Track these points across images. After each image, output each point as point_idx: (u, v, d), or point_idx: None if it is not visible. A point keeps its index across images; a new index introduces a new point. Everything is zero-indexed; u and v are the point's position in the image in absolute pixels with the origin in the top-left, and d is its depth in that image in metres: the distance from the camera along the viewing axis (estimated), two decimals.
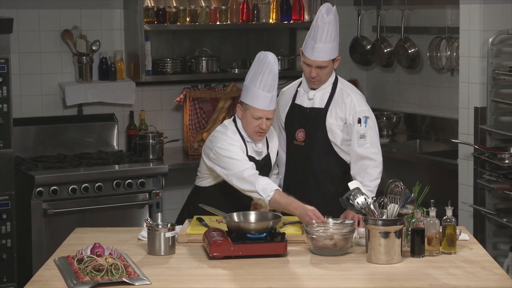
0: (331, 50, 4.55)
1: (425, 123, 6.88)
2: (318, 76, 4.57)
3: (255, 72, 4.37)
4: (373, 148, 4.58)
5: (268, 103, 4.35)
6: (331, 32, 4.52)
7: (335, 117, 4.60)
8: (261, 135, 4.42)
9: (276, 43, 7.13)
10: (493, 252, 5.53)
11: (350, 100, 4.60)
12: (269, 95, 4.34)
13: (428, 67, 6.71)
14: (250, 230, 3.92)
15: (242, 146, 4.40)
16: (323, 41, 4.51)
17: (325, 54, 4.53)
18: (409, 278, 3.61)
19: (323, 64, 4.54)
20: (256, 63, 4.39)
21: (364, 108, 4.60)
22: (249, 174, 4.23)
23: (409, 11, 6.79)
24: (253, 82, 4.35)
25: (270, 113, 4.37)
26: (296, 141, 4.67)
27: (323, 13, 4.53)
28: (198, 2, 6.72)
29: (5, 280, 5.54)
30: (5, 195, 5.53)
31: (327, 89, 4.64)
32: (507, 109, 5.63)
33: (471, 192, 5.68)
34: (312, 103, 4.65)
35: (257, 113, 4.34)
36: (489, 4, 5.56)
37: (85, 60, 6.32)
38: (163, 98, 6.70)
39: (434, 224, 3.91)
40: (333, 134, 4.60)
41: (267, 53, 4.39)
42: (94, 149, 6.38)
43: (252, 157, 4.42)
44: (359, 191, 3.93)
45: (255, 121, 4.36)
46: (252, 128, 4.37)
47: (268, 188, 4.18)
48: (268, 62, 4.34)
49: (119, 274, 3.54)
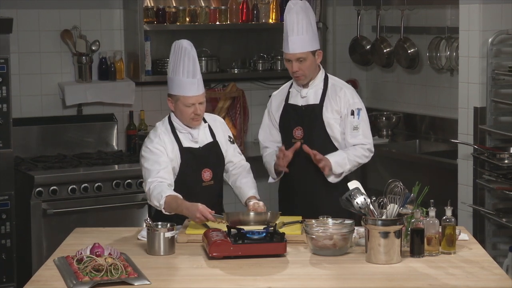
0: (306, 41, 4.61)
1: (424, 123, 6.89)
2: (300, 70, 4.62)
3: (175, 62, 4.39)
4: (366, 138, 4.68)
5: (196, 88, 4.37)
6: (302, 23, 4.60)
7: (331, 111, 4.65)
8: (198, 120, 4.44)
9: (276, 43, 7.11)
10: (493, 252, 5.53)
11: (344, 94, 4.67)
12: (194, 80, 4.36)
13: (428, 67, 6.71)
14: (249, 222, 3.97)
15: (172, 144, 4.40)
16: (296, 33, 4.60)
17: (300, 46, 4.60)
18: (408, 278, 3.61)
19: (302, 56, 4.60)
20: (173, 54, 4.41)
21: (356, 101, 4.69)
22: (148, 188, 4.29)
23: (409, 11, 6.79)
24: (175, 72, 4.38)
25: (201, 97, 4.40)
26: (294, 139, 4.69)
27: (289, 6, 4.64)
28: (198, 2, 6.72)
29: (4, 280, 5.54)
30: (4, 195, 5.53)
31: (319, 86, 4.70)
32: (507, 109, 5.63)
33: (470, 192, 5.68)
34: (306, 101, 4.70)
35: (188, 101, 4.37)
36: (488, 4, 5.57)
37: (85, 60, 6.32)
38: (163, 98, 6.68)
39: (434, 224, 3.90)
40: (331, 128, 4.66)
41: (182, 40, 4.42)
42: (94, 149, 6.38)
43: (189, 148, 4.43)
44: (358, 191, 3.93)
45: (188, 108, 4.38)
46: (187, 115, 4.39)
47: (159, 196, 4.22)
48: (184, 49, 4.37)
49: (119, 274, 3.54)
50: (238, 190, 4.54)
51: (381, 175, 6.33)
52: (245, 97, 6.87)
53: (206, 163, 4.46)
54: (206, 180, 4.46)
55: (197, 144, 4.47)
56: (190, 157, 4.43)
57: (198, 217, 4.11)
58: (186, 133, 4.46)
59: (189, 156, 4.43)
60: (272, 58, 7.01)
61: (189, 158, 4.42)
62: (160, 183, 4.27)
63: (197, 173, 4.44)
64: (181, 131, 4.45)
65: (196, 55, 4.41)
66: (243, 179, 4.56)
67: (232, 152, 4.59)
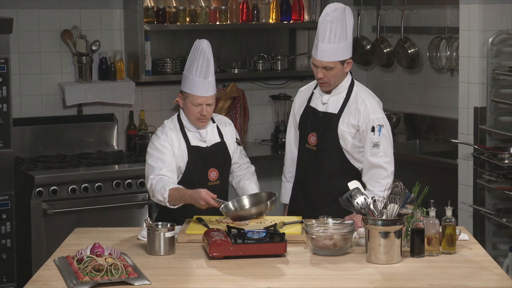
0: (337, 50, 4.45)
1: (425, 123, 6.88)
2: (325, 77, 4.47)
3: (191, 60, 4.41)
4: (386, 157, 4.46)
5: (205, 89, 4.38)
6: (336, 31, 4.43)
7: (347, 124, 4.49)
8: (203, 121, 4.44)
9: (276, 43, 7.14)
10: (493, 252, 5.53)
11: (365, 107, 4.47)
12: (205, 81, 4.37)
13: (428, 67, 6.71)
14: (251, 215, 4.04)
15: (179, 142, 4.40)
16: (327, 41, 4.43)
17: (329, 55, 4.44)
18: (408, 278, 3.61)
19: (329, 65, 4.44)
20: (192, 52, 4.43)
21: (379, 116, 4.47)
22: (150, 184, 4.30)
23: (409, 11, 6.79)
24: (189, 70, 4.40)
25: (209, 98, 4.40)
26: (308, 145, 4.59)
27: (327, 11, 4.46)
28: (198, 2, 6.72)
29: (4, 280, 5.54)
30: (4, 195, 5.53)
31: (342, 94, 4.53)
32: (507, 109, 5.63)
33: (470, 192, 5.68)
34: (325, 108, 4.55)
35: (196, 100, 4.38)
36: (489, 4, 5.57)
37: (85, 60, 6.32)
38: (163, 98, 6.70)
39: (434, 224, 3.90)
40: (344, 140, 4.51)
41: (201, 40, 4.44)
42: (94, 149, 6.38)
43: (197, 147, 4.43)
44: (358, 191, 3.93)
45: (195, 108, 4.39)
46: (194, 115, 4.40)
47: (162, 190, 4.23)
48: (201, 48, 4.39)
49: (119, 274, 3.54)
50: (241, 190, 4.53)
51: None
52: (245, 97, 6.88)
53: (213, 163, 4.47)
54: (212, 180, 4.46)
55: (205, 143, 4.47)
56: (197, 156, 4.43)
57: (202, 204, 4.12)
58: (195, 132, 4.46)
59: (197, 155, 4.43)
60: (272, 58, 7.01)
61: (196, 157, 4.42)
62: (162, 178, 4.27)
63: (204, 173, 4.44)
64: (190, 130, 4.46)
65: (211, 56, 4.41)
66: (247, 180, 4.56)
67: (238, 154, 4.60)
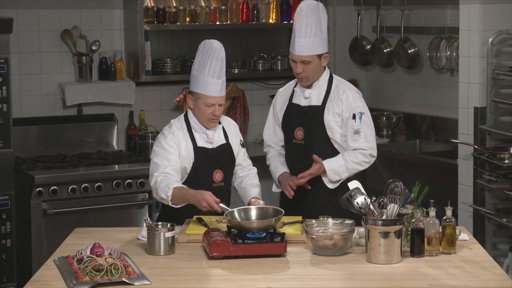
0: (313, 45, 4.57)
1: (425, 123, 6.89)
2: (303, 72, 4.59)
3: (202, 60, 4.38)
4: (368, 143, 4.61)
5: (219, 89, 4.37)
6: (311, 26, 4.55)
7: (332, 113, 4.62)
8: (215, 122, 4.44)
9: (276, 43, 7.14)
10: (493, 252, 5.53)
11: (346, 97, 4.62)
12: (219, 81, 4.36)
13: (428, 67, 6.71)
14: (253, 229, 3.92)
15: (186, 142, 4.39)
16: (303, 36, 4.55)
17: (306, 49, 4.56)
18: (408, 278, 3.61)
19: (307, 59, 4.56)
20: (201, 52, 4.41)
21: (359, 104, 4.63)
22: (154, 181, 4.28)
23: (409, 11, 6.79)
24: (201, 70, 4.37)
25: (222, 99, 4.40)
26: (295, 140, 4.69)
27: (302, 7, 4.59)
28: (198, 2, 6.72)
29: (4, 280, 5.54)
30: (4, 195, 5.53)
31: (323, 87, 4.67)
32: (507, 109, 5.64)
33: (470, 192, 5.68)
34: (309, 102, 4.68)
35: (209, 101, 4.36)
36: (489, 4, 5.57)
37: (85, 60, 6.32)
38: (163, 98, 6.71)
39: (434, 224, 3.90)
40: (331, 131, 4.63)
41: (212, 40, 4.42)
42: (94, 149, 6.38)
43: (203, 147, 4.43)
44: (358, 191, 3.93)
45: (208, 108, 4.37)
46: (206, 116, 4.39)
47: (166, 188, 4.21)
48: (214, 48, 4.37)
49: (119, 274, 3.54)
50: (242, 191, 4.53)
51: (381, 175, 6.32)
52: (245, 97, 6.88)
53: (218, 164, 4.46)
54: (217, 181, 4.45)
55: (211, 144, 4.47)
56: (203, 157, 4.42)
57: (204, 206, 4.11)
58: (202, 132, 4.45)
59: (203, 156, 4.42)
60: (272, 58, 7.01)
61: (202, 158, 4.42)
62: (167, 177, 4.26)
63: (209, 174, 4.43)
64: (197, 130, 4.45)
65: (224, 56, 4.40)
66: (249, 181, 4.56)
67: (242, 156, 4.60)
